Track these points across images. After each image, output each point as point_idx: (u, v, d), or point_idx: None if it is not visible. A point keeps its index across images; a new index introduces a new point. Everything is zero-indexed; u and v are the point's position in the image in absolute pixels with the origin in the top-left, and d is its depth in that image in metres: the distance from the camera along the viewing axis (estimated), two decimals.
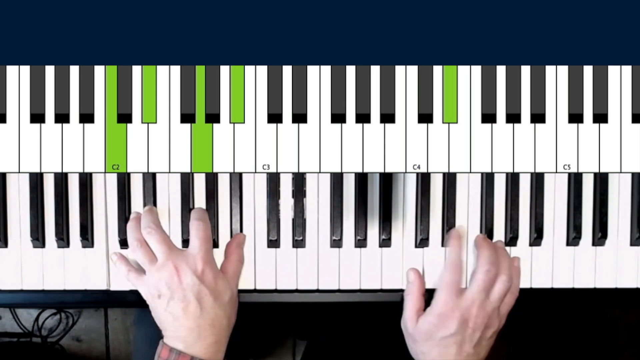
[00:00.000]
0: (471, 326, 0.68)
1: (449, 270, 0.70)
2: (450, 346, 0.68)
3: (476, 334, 0.68)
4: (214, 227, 0.73)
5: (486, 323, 0.68)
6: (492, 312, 0.69)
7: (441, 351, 0.68)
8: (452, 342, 0.68)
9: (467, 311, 0.68)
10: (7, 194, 0.73)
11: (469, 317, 0.68)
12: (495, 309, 0.69)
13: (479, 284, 0.69)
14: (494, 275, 0.69)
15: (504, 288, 0.69)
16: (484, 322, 0.68)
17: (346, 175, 0.73)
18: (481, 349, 0.69)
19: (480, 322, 0.68)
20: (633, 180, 0.74)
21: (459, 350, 0.68)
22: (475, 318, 0.68)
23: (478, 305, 0.68)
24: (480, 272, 0.69)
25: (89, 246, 0.73)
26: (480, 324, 0.68)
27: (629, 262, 0.74)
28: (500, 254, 0.71)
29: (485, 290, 0.69)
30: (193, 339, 0.67)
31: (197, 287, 0.67)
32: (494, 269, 0.69)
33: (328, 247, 0.73)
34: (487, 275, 0.69)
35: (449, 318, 0.68)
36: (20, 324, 1.37)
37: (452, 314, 0.68)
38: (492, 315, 0.69)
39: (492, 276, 0.69)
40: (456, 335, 0.68)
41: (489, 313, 0.68)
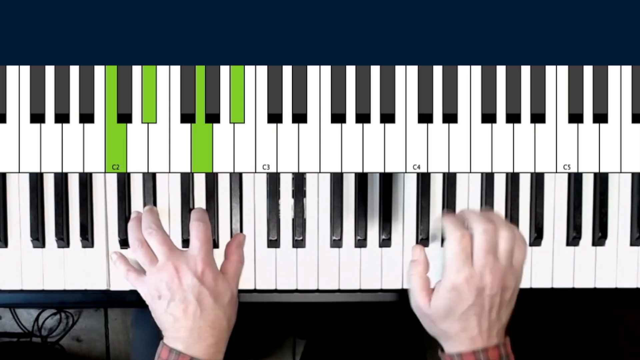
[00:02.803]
0: (488, 293, 0.64)
1: (455, 238, 0.65)
2: (471, 318, 0.65)
3: (495, 300, 0.65)
4: (214, 227, 0.73)
5: (502, 285, 0.65)
6: (505, 272, 0.65)
7: (462, 325, 0.65)
8: (472, 313, 0.65)
9: (480, 279, 0.64)
10: (7, 194, 0.73)
11: (484, 284, 0.64)
12: (508, 267, 0.65)
13: (483, 247, 0.64)
14: (494, 233, 0.65)
15: (509, 244, 0.65)
16: (499, 284, 0.64)
17: (346, 175, 0.73)
18: (502, 313, 0.66)
19: (497, 286, 0.64)
20: (633, 180, 0.74)
21: (480, 320, 0.65)
22: (491, 283, 0.64)
23: (490, 269, 0.64)
24: (478, 233, 0.65)
25: (89, 246, 0.73)
26: (497, 288, 0.64)
27: (629, 262, 0.74)
28: (491, 213, 0.68)
29: (491, 252, 0.64)
30: (193, 340, 0.67)
31: (197, 288, 0.67)
32: (491, 226, 0.65)
33: (328, 247, 0.73)
34: (487, 235, 0.64)
35: (465, 290, 0.64)
36: (20, 324, 1.37)
37: (467, 285, 0.64)
38: (505, 275, 0.65)
39: (492, 235, 0.65)
40: (475, 306, 0.64)
41: (502, 274, 0.65)
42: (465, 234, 0.65)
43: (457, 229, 0.66)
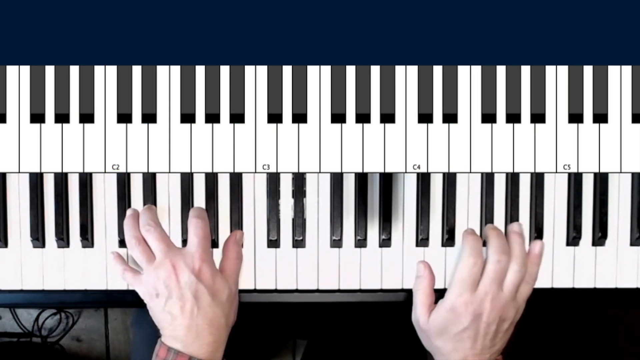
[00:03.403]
0: (485, 320, 0.66)
1: (468, 263, 0.68)
2: (465, 340, 0.67)
3: (491, 327, 0.66)
4: (213, 227, 0.73)
5: (501, 316, 0.66)
6: (506, 304, 0.67)
7: (456, 345, 0.67)
8: (466, 336, 0.66)
9: (480, 305, 0.66)
10: (7, 194, 0.73)
11: (482, 311, 0.66)
12: (510, 300, 0.67)
13: (490, 275, 0.67)
14: (505, 265, 0.67)
15: (517, 278, 0.67)
16: (498, 314, 0.66)
17: (346, 175, 0.73)
18: (497, 340, 0.67)
19: (495, 315, 0.66)
20: (633, 180, 0.74)
21: (473, 344, 0.66)
22: (489, 312, 0.66)
23: (491, 298, 0.66)
24: (491, 262, 0.67)
25: (89, 246, 0.73)
26: (495, 317, 0.66)
27: (629, 262, 0.74)
28: (513, 240, 0.69)
29: (497, 282, 0.66)
30: (191, 339, 0.67)
31: (195, 285, 0.67)
32: (505, 258, 0.67)
33: (328, 247, 0.73)
34: (498, 266, 0.67)
35: (462, 312, 0.66)
36: (20, 324, 1.37)
37: (464, 308, 0.66)
38: (506, 307, 0.67)
39: (503, 266, 0.67)
40: (469, 329, 0.66)
41: (503, 305, 0.66)
42: (478, 262, 0.67)
43: (472, 255, 0.68)
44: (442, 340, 0.68)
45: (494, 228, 0.70)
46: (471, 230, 0.71)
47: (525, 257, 0.69)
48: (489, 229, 0.70)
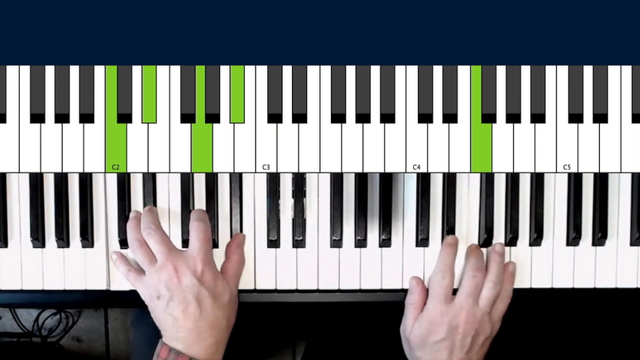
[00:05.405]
0: (461, 332, 0.68)
1: (438, 277, 0.71)
2: (441, 351, 0.69)
3: (467, 340, 0.69)
4: (214, 227, 0.73)
5: (476, 329, 0.69)
6: (482, 318, 0.69)
7: (433, 356, 0.69)
8: (443, 347, 0.69)
9: (455, 317, 0.69)
10: (7, 194, 0.73)
11: (458, 323, 0.69)
12: (486, 314, 0.70)
13: (465, 290, 0.70)
14: (480, 281, 0.70)
15: (491, 294, 0.70)
16: (473, 327, 0.69)
17: (346, 175, 0.73)
18: (473, 354, 0.70)
19: (470, 327, 0.69)
20: (633, 180, 0.74)
21: (449, 355, 0.69)
22: (464, 324, 0.68)
23: (467, 312, 0.69)
24: (466, 278, 0.70)
25: (89, 246, 0.73)
26: (470, 330, 0.69)
27: (629, 262, 0.74)
28: (492, 259, 0.72)
29: (472, 296, 0.69)
30: (192, 340, 0.67)
31: (197, 288, 0.67)
32: (480, 275, 0.70)
33: (328, 247, 0.73)
34: (473, 281, 0.70)
35: (439, 324, 0.69)
36: (20, 324, 1.37)
37: (441, 319, 0.69)
38: (482, 321, 0.69)
39: (478, 282, 0.70)
40: (446, 340, 0.69)
41: (478, 319, 0.69)
42: (447, 275, 0.71)
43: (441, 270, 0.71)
44: (422, 351, 0.70)
45: (476, 248, 0.73)
46: (449, 243, 0.72)
47: (501, 276, 0.71)
48: (470, 248, 0.73)
